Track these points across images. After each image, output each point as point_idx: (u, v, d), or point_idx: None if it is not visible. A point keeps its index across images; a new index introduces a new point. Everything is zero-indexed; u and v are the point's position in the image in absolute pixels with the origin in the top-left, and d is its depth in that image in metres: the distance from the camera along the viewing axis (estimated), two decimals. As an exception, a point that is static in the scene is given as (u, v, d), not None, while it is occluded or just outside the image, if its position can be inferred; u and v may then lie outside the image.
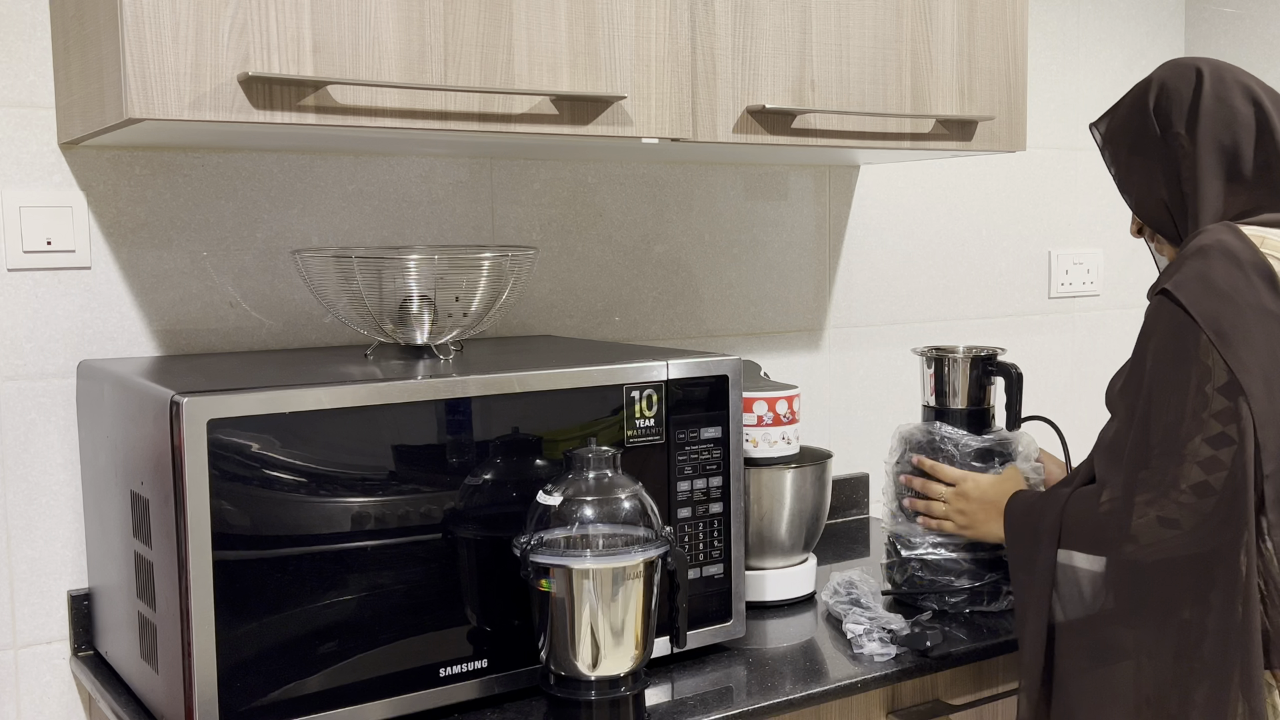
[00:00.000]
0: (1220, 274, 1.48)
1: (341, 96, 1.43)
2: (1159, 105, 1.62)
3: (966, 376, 1.83)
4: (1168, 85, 1.63)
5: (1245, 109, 1.59)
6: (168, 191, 1.73)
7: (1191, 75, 1.61)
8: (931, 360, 1.85)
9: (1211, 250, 1.50)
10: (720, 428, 1.61)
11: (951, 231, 2.52)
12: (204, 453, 1.28)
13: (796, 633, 1.73)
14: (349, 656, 1.38)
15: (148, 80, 1.32)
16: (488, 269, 1.61)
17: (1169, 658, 1.48)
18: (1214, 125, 1.59)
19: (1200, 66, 1.62)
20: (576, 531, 1.40)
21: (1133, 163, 1.65)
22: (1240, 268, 1.49)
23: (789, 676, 1.56)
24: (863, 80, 1.84)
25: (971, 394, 1.83)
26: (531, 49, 1.55)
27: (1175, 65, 1.64)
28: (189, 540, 1.28)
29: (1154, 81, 1.64)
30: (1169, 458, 1.45)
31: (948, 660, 1.63)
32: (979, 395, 1.83)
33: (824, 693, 1.53)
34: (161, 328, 1.74)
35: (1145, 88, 1.65)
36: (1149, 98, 1.63)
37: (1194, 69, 1.62)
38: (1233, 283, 1.47)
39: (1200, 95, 1.60)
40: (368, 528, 1.38)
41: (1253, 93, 1.61)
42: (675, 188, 2.16)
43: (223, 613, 1.30)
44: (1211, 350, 1.44)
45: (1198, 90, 1.60)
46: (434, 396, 1.42)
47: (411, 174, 1.91)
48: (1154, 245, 1.70)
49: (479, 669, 1.46)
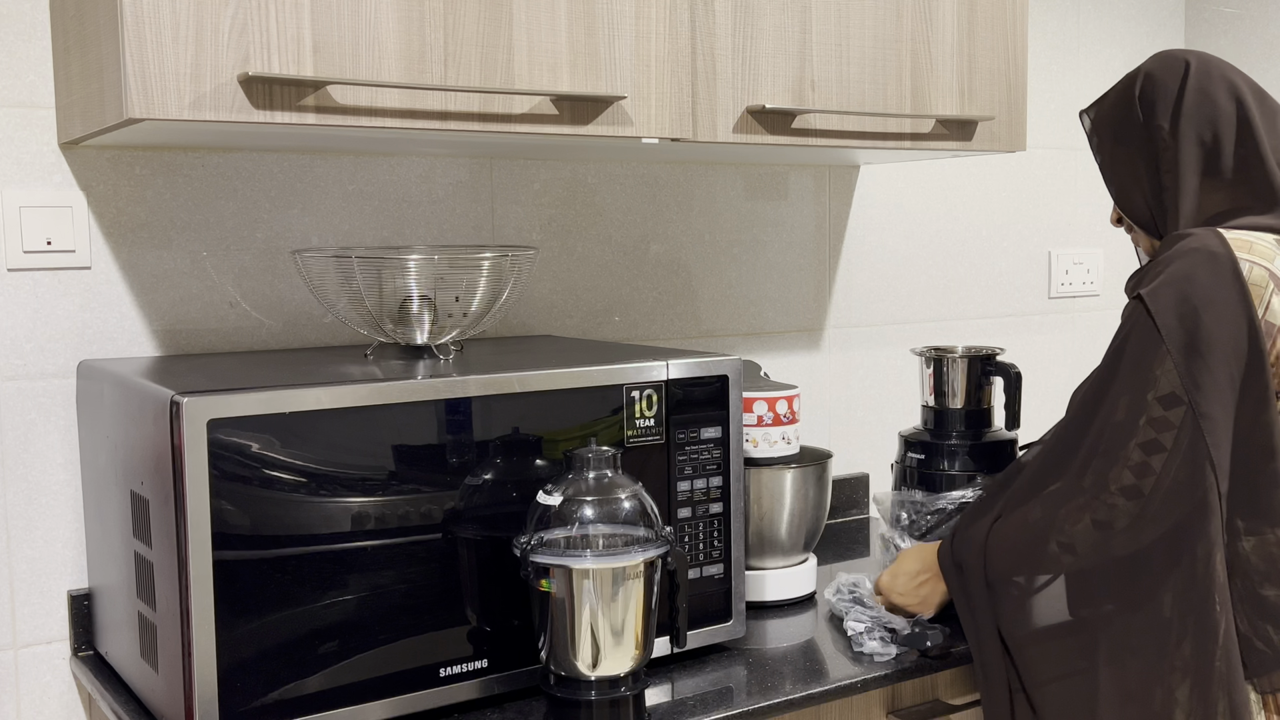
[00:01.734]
0: (1200, 283, 1.47)
1: (341, 96, 1.43)
2: (1144, 95, 1.62)
3: (965, 376, 1.84)
4: (1154, 76, 1.62)
5: (1228, 105, 1.59)
6: (168, 191, 1.74)
7: (1179, 68, 1.61)
8: (930, 360, 1.85)
9: (1194, 255, 1.49)
10: (720, 428, 1.62)
11: (951, 231, 2.52)
12: (204, 453, 1.28)
13: (797, 633, 1.73)
14: (349, 656, 1.38)
15: (148, 80, 1.33)
16: (488, 269, 1.61)
17: (1153, 655, 1.49)
18: (1196, 120, 1.58)
19: (1188, 59, 1.62)
20: (576, 531, 1.40)
21: (1117, 152, 1.66)
22: (1222, 278, 1.48)
23: (789, 676, 1.57)
24: (863, 80, 1.84)
25: (970, 394, 1.83)
26: (531, 49, 1.55)
27: (1164, 56, 1.64)
28: (189, 540, 1.28)
29: (1142, 71, 1.64)
30: (1106, 458, 1.47)
31: (948, 660, 1.63)
32: (977, 395, 1.83)
33: (824, 693, 1.54)
34: (161, 328, 1.74)
35: (1134, 78, 1.65)
36: (1136, 87, 1.63)
37: (1183, 61, 1.62)
38: (1210, 295, 1.47)
39: (1184, 89, 1.59)
40: (368, 528, 1.38)
41: (1237, 89, 1.60)
42: (675, 188, 2.17)
43: (223, 613, 1.30)
44: (1166, 361, 1.45)
45: (1183, 83, 1.60)
46: (434, 396, 1.42)
47: (411, 174, 1.91)
48: (1132, 236, 1.71)
49: (479, 669, 1.46)
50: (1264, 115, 1.61)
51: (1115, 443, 1.47)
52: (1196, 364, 1.45)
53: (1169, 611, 1.48)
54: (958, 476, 1.95)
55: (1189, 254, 1.49)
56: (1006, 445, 1.97)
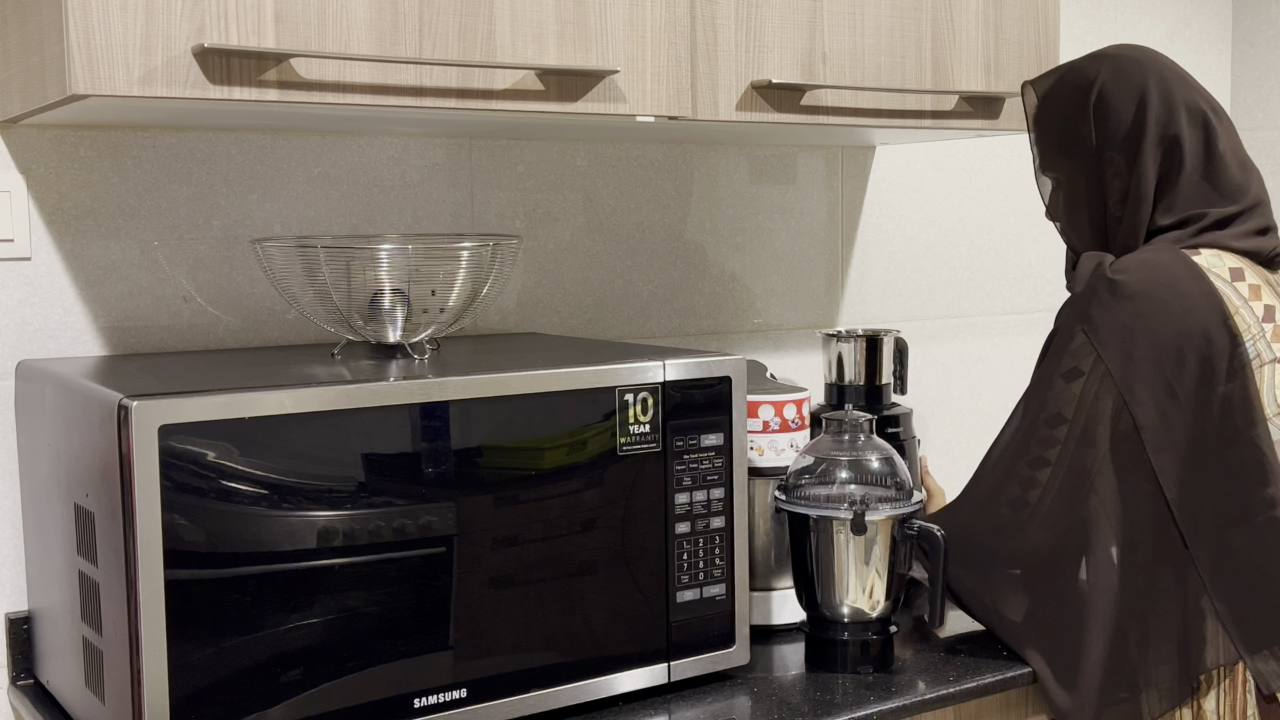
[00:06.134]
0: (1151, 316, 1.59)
1: (306, 70, 1.43)
2: (1098, 114, 1.70)
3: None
4: (1110, 99, 1.70)
5: (1193, 136, 1.68)
6: (115, 175, 1.74)
7: (1136, 92, 1.68)
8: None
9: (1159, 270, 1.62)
10: (722, 434, 1.62)
11: (977, 219, 2.53)
12: (155, 462, 1.29)
13: (805, 660, 1.74)
14: (315, 685, 1.38)
15: (93, 53, 1.33)
16: (467, 260, 1.62)
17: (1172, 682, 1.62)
18: (1154, 156, 1.69)
19: (1147, 86, 1.68)
20: (836, 490, 1.70)
21: (1060, 164, 1.77)
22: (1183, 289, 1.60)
23: (797, 709, 1.57)
24: (879, 52, 1.85)
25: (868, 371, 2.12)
26: (515, 18, 1.55)
27: (1121, 73, 1.70)
28: (138, 558, 1.28)
29: (1097, 82, 1.72)
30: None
31: (973, 692, 1.65)
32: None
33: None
34: (108, 324, 1.75)
35: (1087, 82, 1.73)
36: (1090, 97, 1.71)
37: (1139, 90, 1.68)
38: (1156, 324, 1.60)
39: (1145, 120, 1.67)
40: (335, 544, 1.38)
41: (1199, 113, 1.69)
42: (673, 171, 2.17)
43: (175, 637, 1.30)
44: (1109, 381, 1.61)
45: (1141, 112, 1.67)
46: (408, 400, 1.42)
47: (383, 156, 1.92)
48: (1060, 226, 1.82)
49: (458, 699, 1.46)
50: (1225, 135, 1.70)
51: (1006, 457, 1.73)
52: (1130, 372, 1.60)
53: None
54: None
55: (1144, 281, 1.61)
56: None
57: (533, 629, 1.50)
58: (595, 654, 1.55)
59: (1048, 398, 1.66)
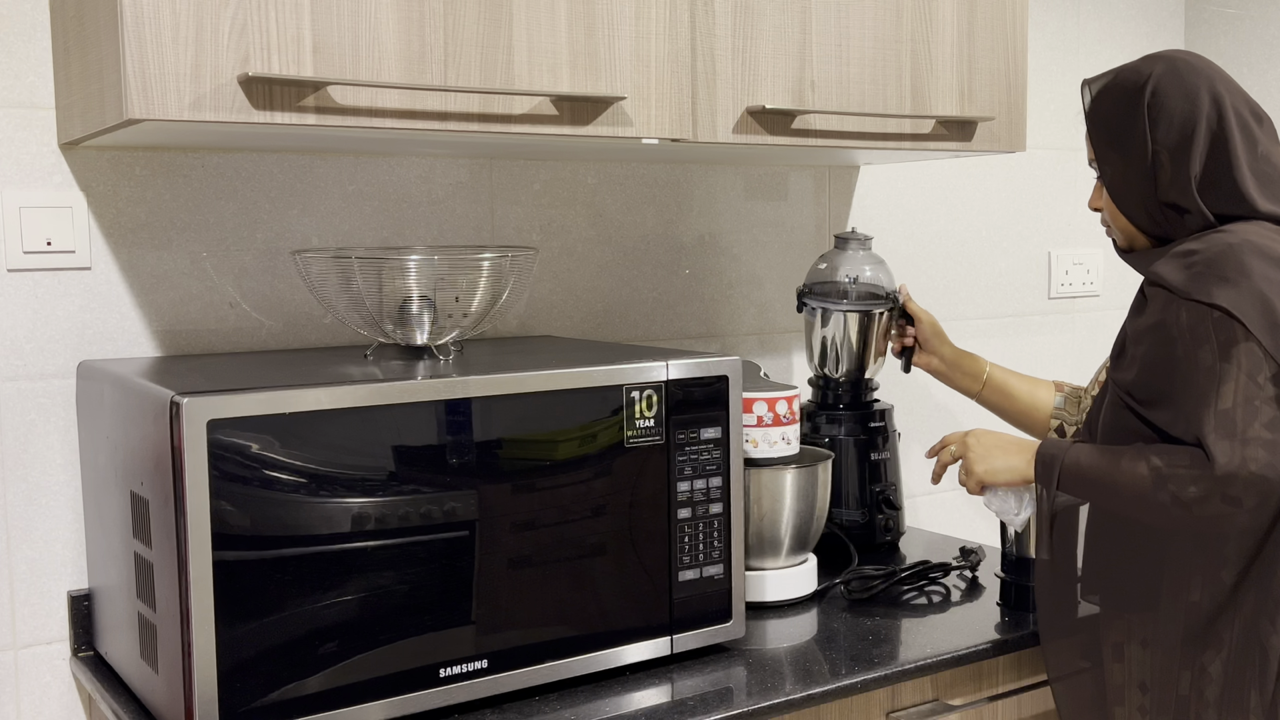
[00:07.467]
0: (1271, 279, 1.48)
1: (341, 97, 1.43)
2: (1152, 111, 1.60)
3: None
4: (1163, 97, 1.60)
5: (1242, 138, 1.58)
6: (167, 192, 1.74)
7: (1193, 98, 1.59)
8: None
9: (1253, 255, 1.50)
10: (720, 428, 1.62)
11: (951, 232, 2.52)
12: (204, 453, 1.28)
13: (797, 633, 1.73)
14: (349, 657, 1.38)
15: (148, 81, 1.33)
16: (488, 269, 1.61)
17: (1175, 643, 1.51)
18: (1202, 154, 1.58)
19: (1199, 87, 1.59)
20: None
21: (1111, 157, 1.65)
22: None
23: (789, 677, 1.57)
24: (863, 81, 1.85)
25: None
26: (531, 49, 1.55)
27: (1174, 73, 1.61)
28: (189, 540, 1.28)
29: (1151, 80, 1.61)
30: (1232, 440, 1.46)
31: (946, 662, 1.64)
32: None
33: (824, 693, 1.54)
34: (161, 328, 1.74)
35: (1140, 82, 1.61)
36: (1144, 97, 1.61)
37: (1192, 90, 1.59)
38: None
39: (1196, 122, 1.58)
40: (367, 528, 1.38)
41: (1248, 120, 1.60)
42: (675, 188, 2.17)
43: (222, 613, 1.30)
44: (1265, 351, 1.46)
45: (1193, 114, 1.58)
46: (434, 397, 1.42)
47: (411, 174, 1.91)
48: (1104, 217, 1.71)
49: (479, 669, 1.46)
50: (1269, 140, 1.62)
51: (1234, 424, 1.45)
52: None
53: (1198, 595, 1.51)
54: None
55: (1246, 260, 1.49)
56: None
57: (548, 605, 1.50)
58: (604, 628, 1.55)
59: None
